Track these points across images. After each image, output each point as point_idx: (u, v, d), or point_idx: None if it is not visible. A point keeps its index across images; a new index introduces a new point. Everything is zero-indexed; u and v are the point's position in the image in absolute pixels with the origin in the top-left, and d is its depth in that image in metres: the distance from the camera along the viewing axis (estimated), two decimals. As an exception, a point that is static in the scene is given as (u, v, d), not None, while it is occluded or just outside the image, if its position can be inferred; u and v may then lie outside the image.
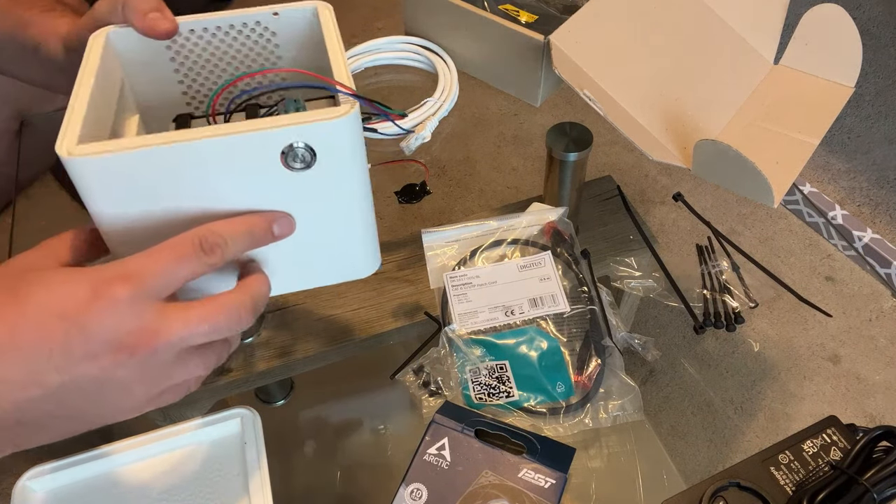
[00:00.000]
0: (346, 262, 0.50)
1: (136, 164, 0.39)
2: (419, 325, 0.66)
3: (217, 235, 0.40)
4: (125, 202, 0.40)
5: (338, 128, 0.41)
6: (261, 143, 0.40)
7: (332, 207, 0.45)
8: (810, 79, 0.69)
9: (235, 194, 0.42)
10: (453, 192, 0.82)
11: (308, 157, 0.41)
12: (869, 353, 0.68)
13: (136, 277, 0.37)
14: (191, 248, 0.39)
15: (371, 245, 0.50)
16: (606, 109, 0.63)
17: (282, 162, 0.41)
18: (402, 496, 0.52)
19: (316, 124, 0.40)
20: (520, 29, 0.77)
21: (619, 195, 0.76)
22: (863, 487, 0.46)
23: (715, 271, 0.68)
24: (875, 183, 1.57)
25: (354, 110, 0.41)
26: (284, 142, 0.40)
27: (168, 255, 0.38)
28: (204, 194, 0.41)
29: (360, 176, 0.44)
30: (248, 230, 0.42)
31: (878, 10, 1.88)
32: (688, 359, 0.66)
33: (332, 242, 0.47)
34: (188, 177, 0.40)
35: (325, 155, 0.41)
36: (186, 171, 0.40)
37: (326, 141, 0.41)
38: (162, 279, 0.38)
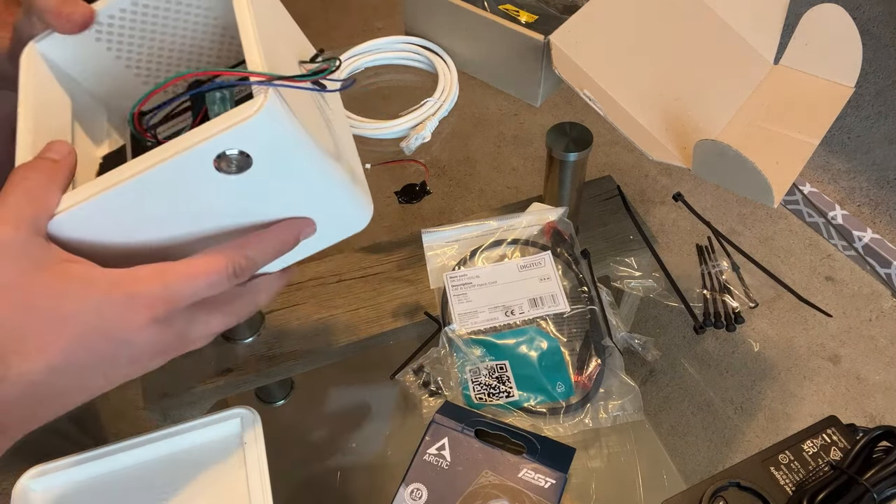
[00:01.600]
0: (340, 222, 0.48)
1: (84, 218, 0.39)
2: (419, 325, 0.66)
3: (250, 261, 0.41)
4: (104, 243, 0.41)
5: (255, 126, 0.37)
6: (183, 166, 0.38)
7: (300, 186, 0.43)
8: (810, 79, 0.69)
9: (202, 210, 0.41)
10: (453, 192, 0.82)
11: (243, 161, 0.39)
12: (869, 353, 0.68)
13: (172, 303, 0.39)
14: (224, 276, 0.40)
15: (357, 199, 0.47)
16: (606, 109, 0.63)
17: (222, 172, 0.39)
18: (402, 496, 0.52)
19: (227, 133, 0.37)
20: (520, 29, 0.77)
21: (619, 195, 0.76)
22: (863, 487, 0.46)
23: (715, 271, 0.68)
24: (875, 183, 1.57)
25: (268, 101, 0.37)
26: (208, 157, 0.38)
27: (202, 282, 0.40)
28: (170, 219, 0.41)
29: (309, 152, 0.41)
30: (278, 249, 0.43)
31: (878, 10, 1.88)
32: (688, 359, 0.66)
33: (317, 212, 0.45)
34: (140, 212, 0.40)
35: (259, 152, 0.39)
36: (133, 209, 0.40)
37: (252, 140, 0.38)
38: (193, 299, 0.40)
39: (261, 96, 0.37)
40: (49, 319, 0.36)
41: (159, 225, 0.41)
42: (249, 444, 0.54)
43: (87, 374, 0.38)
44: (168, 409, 0.62)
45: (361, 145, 0.81)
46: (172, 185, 0.39)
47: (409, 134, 0.80)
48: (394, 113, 0.82)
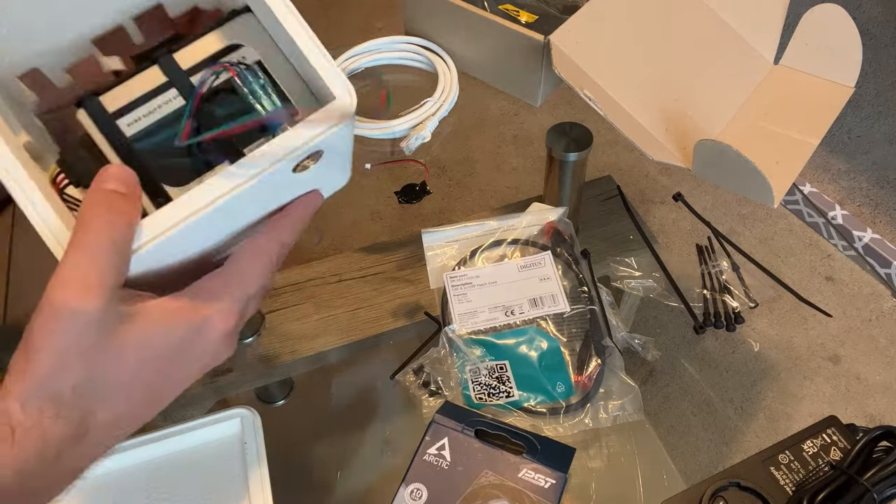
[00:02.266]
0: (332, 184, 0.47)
1: (160, 248, 0.36)
2: (419, 325, 0.66)
3: (285, 247, 0.42)
4: (168, 265, 0.39)
5: (345, 128, 0.39)
6: (273, 176, 0.38)
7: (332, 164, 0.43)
8: (810, 79, 0.69)
9: (253, 211, 0.41)
10: (453, 192, 0.82)
11: (317, 158, 0.40)
12: (869, 353, 0.68)
13: (238, 312, 0.39)
14: (271, 270, 0.41)
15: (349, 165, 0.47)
16: (606, 109, 0.63)
17: (297, 173, 0.39)
18: (402, 496, 0.52)
19: (323, 138, 0.38)
20: (520, 29, 0.77)
21: (619, 195, 0.76)
22: (863, 487, 0.46)
23: (715, 271, 0.68)
24: (875, 183, 1.57)
25: (353, 102, 0.39)
26: (294, 163, 0.38)
27: (257, 284, 0.40)
28: (230, 226, 0.40)
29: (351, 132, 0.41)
30: (300, 228, 0.43)
31: (878, 10, 1.88)
32: (688, 359, 0.66)
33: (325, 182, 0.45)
34: (211, 228, 0.39)
35: (329, 150, 0.40)
36: (209, 227, 0.38)
37: (333, 141, 0.39)
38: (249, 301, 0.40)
39: (345, 92, 0.38)
40: (133, 368, 0.36)
41: (218, 233, 0.40)
42: (249, 444, 0.54)
43: (166, 398, 0.39)
44: (168, 410, 0.62)
45: (361, 145, 0.81)
46: (252, 196, 0.38)
47: (409, 134, 0.80)
48: (394, 113, 0.82)
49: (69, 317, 0.33)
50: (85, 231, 0.34)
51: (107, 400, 0.35)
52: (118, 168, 0.36)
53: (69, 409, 0.34)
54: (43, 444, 0.33)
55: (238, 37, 0.41)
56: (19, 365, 0.34)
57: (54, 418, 0.33)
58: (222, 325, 0.38)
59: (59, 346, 0.33)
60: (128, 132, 0.38)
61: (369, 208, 0.80)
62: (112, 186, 0.35)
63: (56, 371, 0.33)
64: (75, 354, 0.33)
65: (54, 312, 0.33)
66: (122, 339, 0.35)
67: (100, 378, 0.35)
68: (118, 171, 0.36)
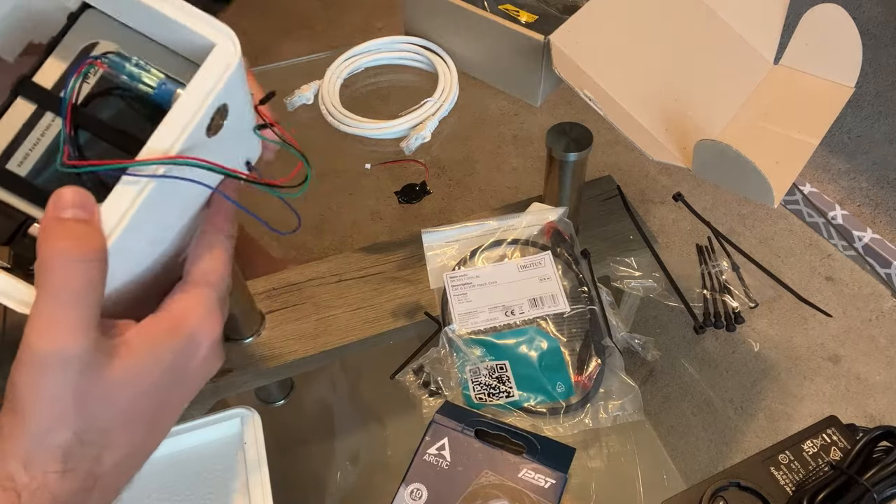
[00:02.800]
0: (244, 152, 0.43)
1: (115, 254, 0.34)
2: (419, 325, 0.66)
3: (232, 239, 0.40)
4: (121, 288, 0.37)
5: (237, 70, 0.36)
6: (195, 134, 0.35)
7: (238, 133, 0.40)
8: (810, 79, 0.69)
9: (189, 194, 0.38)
10: (453, 192, 0.82)
11: (224, 114, 0.37)
12: (869, 353, 0.68)
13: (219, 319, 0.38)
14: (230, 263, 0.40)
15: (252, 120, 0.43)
16: (606, 109, 0.63)
17: (209, 134, 0.36)
18: (402, 496, 0.52)
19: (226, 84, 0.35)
20: (520, 29, 0.77)
21: (619, 195, 0.76)
22: (863, 487, 0.46)
23: (715, 271, 0.68)
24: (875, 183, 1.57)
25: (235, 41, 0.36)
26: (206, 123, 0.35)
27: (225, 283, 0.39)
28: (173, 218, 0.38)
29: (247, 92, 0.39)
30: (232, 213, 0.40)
31: (878, 10, 1.88)
32: (688, 359, 0.66)
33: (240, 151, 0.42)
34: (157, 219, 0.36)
35: (232, 101, 0.37)
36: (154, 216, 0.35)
37: (232, 90, 0.36)
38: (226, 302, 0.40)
39: (222, 34, 0.35)
40: (130, 403, 0.34)
41: (163, 230, 0.38)
42: (249, 444, 0.54)
43: (167, 426, 0.38)
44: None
45: (361, 145, 0.81)
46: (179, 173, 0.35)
47: (409, 134, 0.80)
48: (394, 113, 0.82)
49: (58, 364, 0.31)
50: (52, 273, 0.31)
51: (110, 443, 0.34)
52: (72, 191, 0.32)
53: (74, 461, 0.32)
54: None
55: (87, 37, 0.38)
56: (10, 424, 0.32)
57: (61, 474, 0.32)
58: (208, 336, 0.37)
59: (51, 396, 0.31)
60: (22, 172, 0.36)
61: (369, 208, 0.80)
62: (70, 214, 0.32)
63: (54, 423, 0.32)
64: (70, 401, 0.32)
65: (40, 362, 0.31)
66: (113, 376, 0.33)
67: (99, 421, 0.33)
68: (72, 194, 0.32)
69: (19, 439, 0.31)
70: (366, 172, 0.80)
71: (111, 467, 0.34)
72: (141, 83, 0.36)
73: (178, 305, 0.37)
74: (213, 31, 0.36)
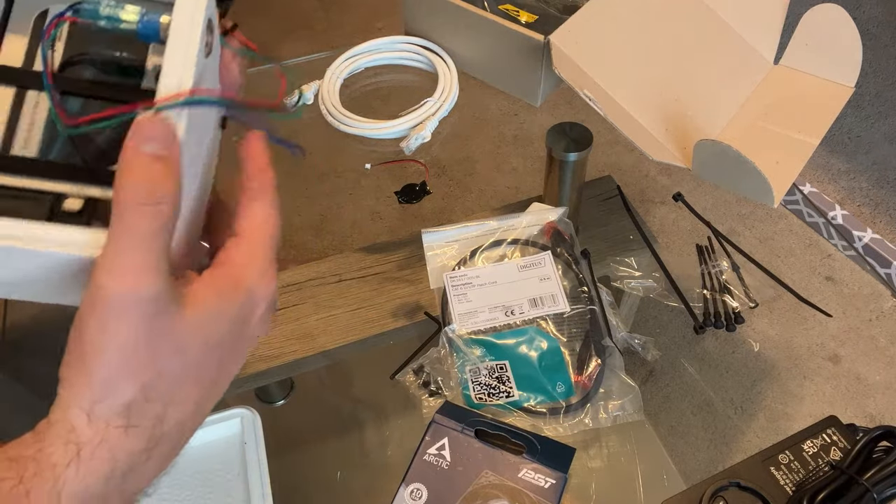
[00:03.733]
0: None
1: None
2: (419, 325, 0.66)
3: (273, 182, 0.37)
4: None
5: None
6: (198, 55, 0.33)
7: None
8: (810, 79, 0.69)
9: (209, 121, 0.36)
10: (453, 192, 0.82)
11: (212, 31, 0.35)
12: (869, 353, 0.68)
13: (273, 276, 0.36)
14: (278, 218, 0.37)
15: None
16: (606, 109, 0.63)
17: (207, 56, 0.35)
18: (402, 496, 0.52)
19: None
20: (520, 29, 0.77)
21: (619, 195, 0.76)
22: (863, 487, 0.46)
23: (715, 271, 0.68)
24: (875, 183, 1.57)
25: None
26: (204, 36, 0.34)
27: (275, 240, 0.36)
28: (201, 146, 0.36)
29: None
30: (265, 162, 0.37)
31: (878, 11, 1.88)
32: (688, 359, 0.66)
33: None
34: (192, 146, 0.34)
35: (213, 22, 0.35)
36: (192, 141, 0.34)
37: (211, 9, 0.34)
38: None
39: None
40: (199, 356, 0.32)
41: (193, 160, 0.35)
42: (249, 444, 0.54)
43: (225, 386, 0.36)
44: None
45: (361, 145, 0.81)
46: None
47: (409, 134, 0.80)
48: (394, 113, 0.82)
49: (131, 306, 0.29)
50: (129, 212, 0.30)
51: (176, 398, 0.32)
52: (151, 123, 0.30)
53: (140, 416, 0.30)
54: (112, 464, 0.30)
55: (33, 6, 0.36)
56: (76, 372, 0.30)
57: (124, 430, 0.30)
58: (265, 295, 0.35)
59: (123, 342, 0.29)
60: (30, 153, 0.34)
61: (369, 208, 0.80)
62: (150, 150, 0.30)
63: (124, 371, 0.30)
64: (143, 348, 0.30)
65: (111, 303, 0.29)
66: (185, 326, 0.31)
67: (169, 373, 0.31)
68: (152, 127, 0.30)
69: (86, 389, 0.29)
70: (366, 172, 0.80)
71: (174, 426, 0.32)
72: (122, 21, 0.34)
73: (235, 260, 0.35)
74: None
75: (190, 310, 0.32)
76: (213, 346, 0.33)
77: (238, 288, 0.34)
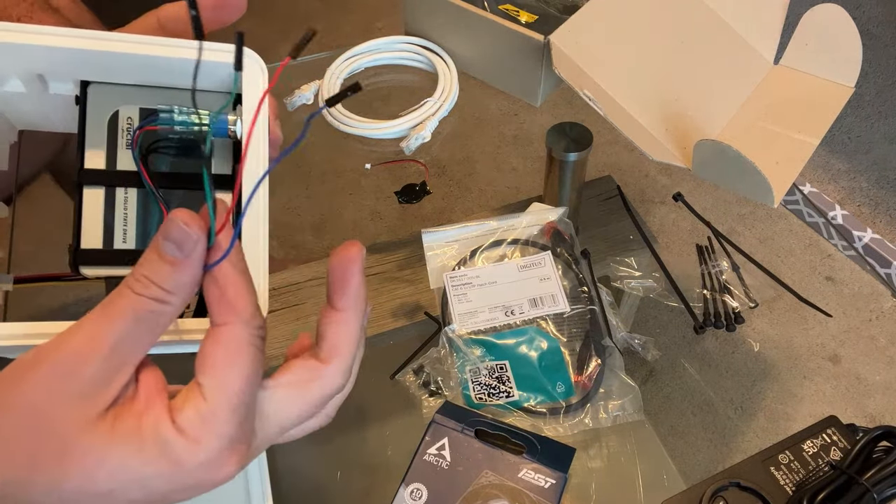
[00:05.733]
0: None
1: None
2: (419, 325, 0.66)
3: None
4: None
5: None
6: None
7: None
8: (810, 79, 0.69)
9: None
10: (453, 192, 0.82)
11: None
12: (869, 353, 0.68)
13: (242, 462, 0.31)
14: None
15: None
16: (606, 109, 0.63)
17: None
18: (402, 496, 0.52)
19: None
20: (520, 29, 0.77)
21: (619, 195, 0.76)
22: (863, 487, 0.46)
23: (715, 271, 0.68)
24: (875, 183, 1.57)
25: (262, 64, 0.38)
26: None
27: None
28: None
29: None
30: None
31: (878, 10, 1.88)
32: (688, 359, 0.66)
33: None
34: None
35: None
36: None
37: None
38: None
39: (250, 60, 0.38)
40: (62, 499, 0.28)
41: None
42: (249, 444, 0.54)
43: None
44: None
45: (361, 145, 0.81)
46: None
47: (409, 134, 0.80)
48: (394, 113, 0.82)
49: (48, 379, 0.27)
50: (115, 291, 0.29)
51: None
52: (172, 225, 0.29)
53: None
54: None
55: (104, 110, 0.39)
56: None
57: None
58: (215, 480, 0.30)
59: (8, 431, 0.27)
60: (130, 246, 0.38)
61: (369, 208, 0.80)
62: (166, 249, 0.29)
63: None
64: (22, 450, 0.27)
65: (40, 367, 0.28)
66: (79, 464, 0.28)
67: (37, 499, 0.28)
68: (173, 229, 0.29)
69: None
70: (366, 172, 0.80)
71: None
72: (195, 125, 0.37)
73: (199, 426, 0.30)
74: (230, 56, 0.37)
75: (98, 434, 0.28)
76: (99, 495, 0.28)
77: (173, 464, 0.29)
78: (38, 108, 0.40)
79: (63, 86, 0.39)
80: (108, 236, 0.38)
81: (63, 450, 0.27)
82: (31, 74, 0.38)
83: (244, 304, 0.30)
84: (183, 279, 0.29)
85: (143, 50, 0.37)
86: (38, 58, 0.37)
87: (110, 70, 0.38)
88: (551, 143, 0.65)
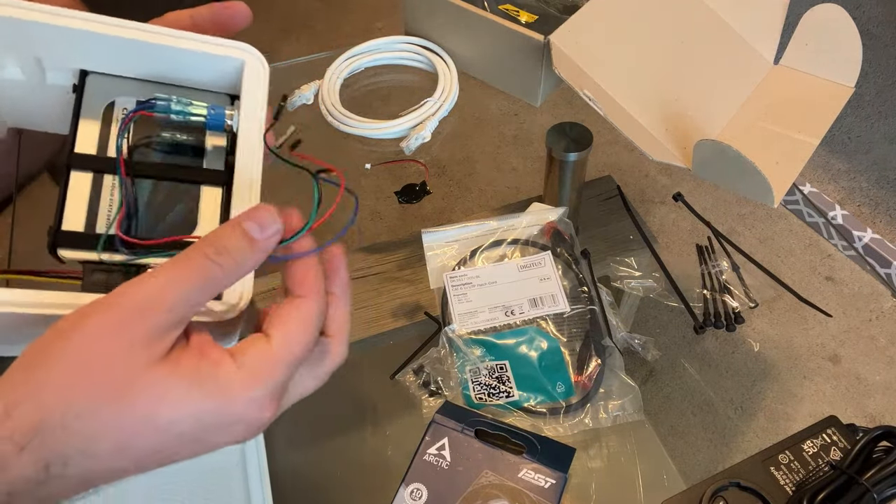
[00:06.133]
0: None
1: None
2: (419, 325, 0.66)
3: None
4: None
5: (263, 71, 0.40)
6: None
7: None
8: (810, 79, 0.69)
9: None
10: (453, 192, 0.82)
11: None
12: (869, 353, 0.68)
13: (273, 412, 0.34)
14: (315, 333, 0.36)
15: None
16: (606, 109, 0.63)
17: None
18: (402, 496, 0.52)
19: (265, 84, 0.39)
20: (520, 29, 0.77)
21: (619, 195, 0.76)
22: (863, 487, 0.46)
23: (715, 271, 0.68)
24: (875, 183, 1.57)
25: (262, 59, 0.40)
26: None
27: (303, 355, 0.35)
28: None
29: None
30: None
31: (878, 10, 1.88)
32: (688, 359, 0.66)
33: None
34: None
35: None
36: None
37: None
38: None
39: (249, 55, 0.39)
40: (132, 428, 0.30)
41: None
42: (249, 444, 0.54)
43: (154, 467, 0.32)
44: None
45: (361, 145, 0.81)
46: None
47: (409, 134, 0.80)
48: (394, 113, 0.82)
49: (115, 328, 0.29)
50: (186, 252, 0.32)
51: (90, 450, 0.29)
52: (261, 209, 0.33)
53: (43, 446, 0.28)
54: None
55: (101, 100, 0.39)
56: (18, 368, 0.29)
57: (21, 449, 0.28)
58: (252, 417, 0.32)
59: (84, 360, 0.29)
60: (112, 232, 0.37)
61: (369, 208, 0.80)
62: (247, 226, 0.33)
63: (61, 388, 0.29)
64: (94, 376, 0.29)
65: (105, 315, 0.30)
66: (143, 383, 0.30)
67: (96, 417, 0.29)
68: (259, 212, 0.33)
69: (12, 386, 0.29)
70: (366, 172, 0.79)
71: (74, 477, 0.30)
72: (192, 115, 0.38)
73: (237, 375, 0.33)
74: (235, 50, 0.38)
75: (161, 372, 0.30)
76: (158, 428, 0.30)
77: (224, 411, 0.32)
78: (33, 102, 0.40)
79: (61, 75, 0.39)
80: (91, 221, 0.37)
81: (128, 385, 0.30)
82: (29, 57, 0.38)
83: (320, 286, 0.36)
84: (254, 258, 0.33)
85: (144, 37, 0.37)
86: (38, 36, 0.36)
87: (110, 59, 0.38)
88: (551, 143, 0.65)
